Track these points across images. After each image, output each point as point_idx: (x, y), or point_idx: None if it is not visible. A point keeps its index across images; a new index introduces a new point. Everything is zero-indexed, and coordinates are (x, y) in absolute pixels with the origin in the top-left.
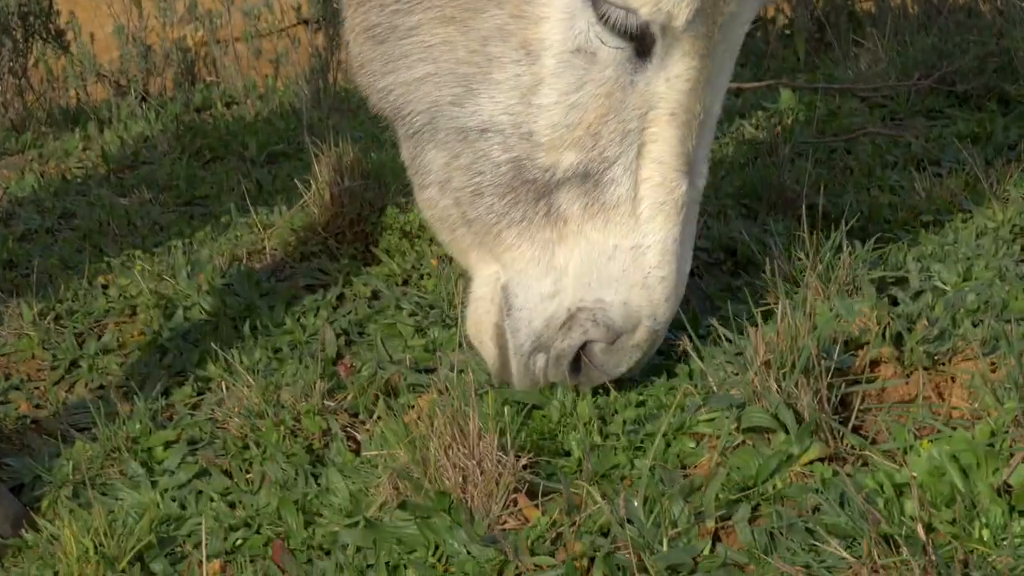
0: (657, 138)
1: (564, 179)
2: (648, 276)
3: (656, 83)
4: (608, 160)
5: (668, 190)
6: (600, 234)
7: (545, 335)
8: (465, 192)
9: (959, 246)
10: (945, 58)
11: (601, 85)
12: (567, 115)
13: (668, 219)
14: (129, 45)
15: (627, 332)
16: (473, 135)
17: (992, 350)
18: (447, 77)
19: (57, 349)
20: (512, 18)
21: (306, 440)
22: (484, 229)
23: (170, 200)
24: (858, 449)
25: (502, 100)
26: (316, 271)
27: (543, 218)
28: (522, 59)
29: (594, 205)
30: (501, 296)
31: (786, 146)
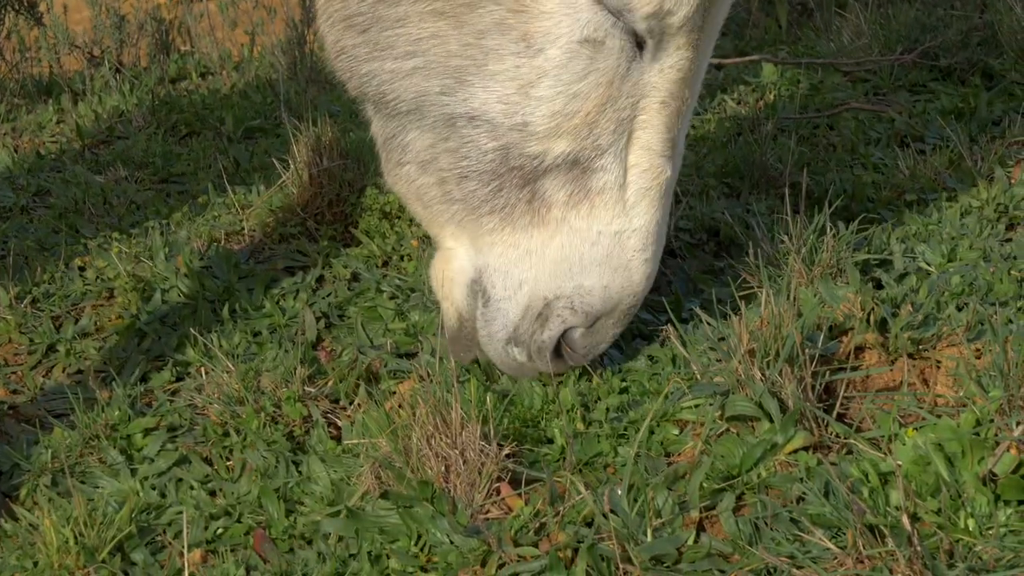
0: (647, 125)
1: (552, 166)
2: (632, 259)
3: (650, 73)
4: (600, 148)
5: (653, 175)
6: (584, 222)
7: (520, 327)
8: (452, 173)
9: (943, 226)
10: (928, 32)
11: (604, 74)
12: (567, 104)
13: (652, 204)
14: (102, 15)
15: (606, 314)
16: (462, 122)
17: (977, 335)
18: (436, 69)
19: (34, 333)
20: (511, 12)
21: (287, 427)
22: (467, 210)
23: (146, 177)
24: (843, 437)
25: (497, 90)
26: (295, 253)
27: (526, 204)
28: (522, 51)
29: (579, 192)
30: (475, 283)
31: (769, 122)
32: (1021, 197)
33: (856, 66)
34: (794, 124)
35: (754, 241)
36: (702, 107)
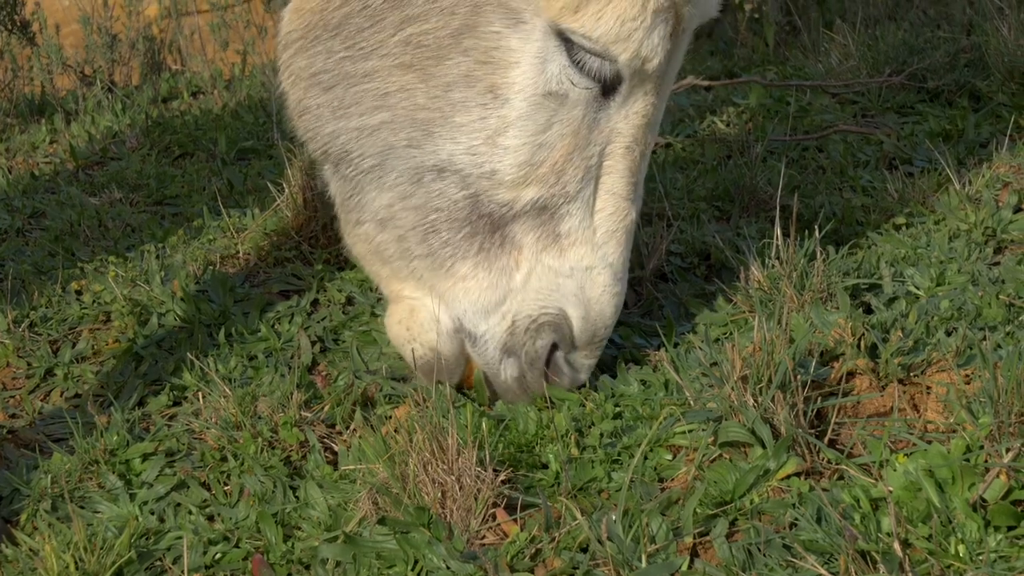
0: (612, 170)
1: (521, 212)
2: (603, 293)
3: (616, 119)
4: (568, 195)
5: (620, 218)
6: (556, 261)
7: (511, 341)
8: (416, 230)
9: (932, 249)
10: (916, 54)
11: (568, 125)
12: (534, 155)
13: (619, 244)
14: (94, 34)
15: (583, 344)
16: (429, 175)
17: (966, 361)
18: (403, 123)
19: (32, 357)
20: (478, 64)
21: (284, 452)
22: (435, 263)
23: (141, 200)
24: (834, 463)
25: (464, 141)
26: (290, 276)
27: (499, 248)
28: (488, 102)
29: (548, 236)
30: (458, 331)
31: (758, 145)
32: (1009, 220)
33: (844, 88)
34: (783, 146)
35: (745, 265)
36: (693, 129)
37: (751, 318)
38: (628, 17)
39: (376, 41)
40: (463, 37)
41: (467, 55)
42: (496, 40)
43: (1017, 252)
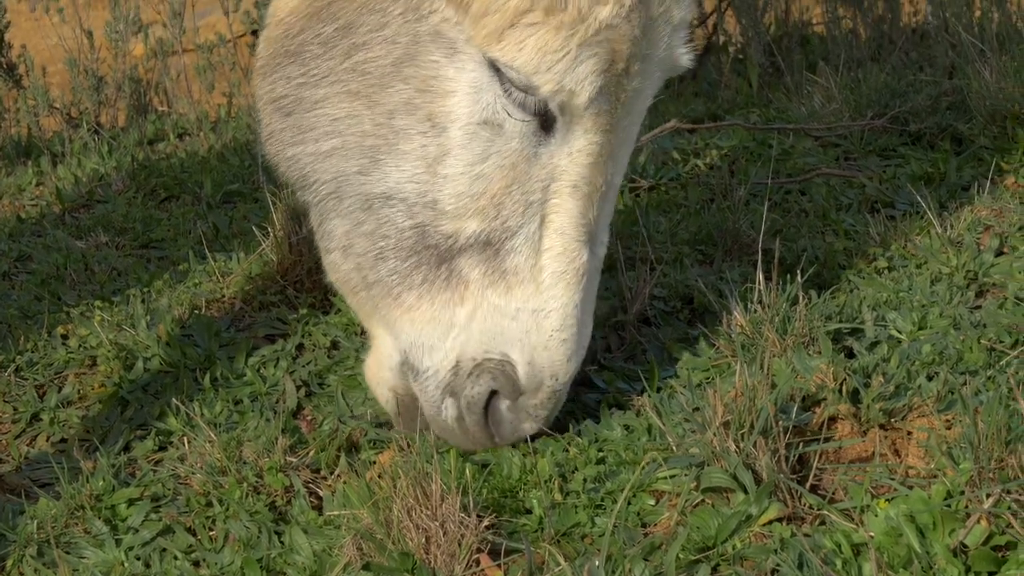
0: (559, 209)
1: (466, 245)
2: (551, 338)
3: (559, 156)
4: (510, 230)
5: (569, 259)
6: (502, 299)
7: (453, 381)
8: (368, 257)
9: (914, 293)
10: (898, 97)
11: (506, 157)
12: (472, 185)
13: (569, 287)
14: (81, 76)
15: (530, 390)
16: (378, 203)
17: (947, 406)
18: (353, 150)
19: (18, 402)
20: (418, 92)
21: (269, 497)
22: (384, 291)
23: (127, 243)
24: (816, 509)
25: (408, 169)
26: (275, 320)
27: (444, 281)
28: (428, 131)
29: (494, 273)
30: (403, 365)
31: (741, 188)
32: (990, 264)
33: (827, 131)
34: (766, 190)
35: (728, 310)
36: (676, 172)
37: (733, 363)
38: (550, 48)
39: (327, 68)
40: (404, 66)
41: (408, 83)
42: (434, 69)
43: (999, 296)
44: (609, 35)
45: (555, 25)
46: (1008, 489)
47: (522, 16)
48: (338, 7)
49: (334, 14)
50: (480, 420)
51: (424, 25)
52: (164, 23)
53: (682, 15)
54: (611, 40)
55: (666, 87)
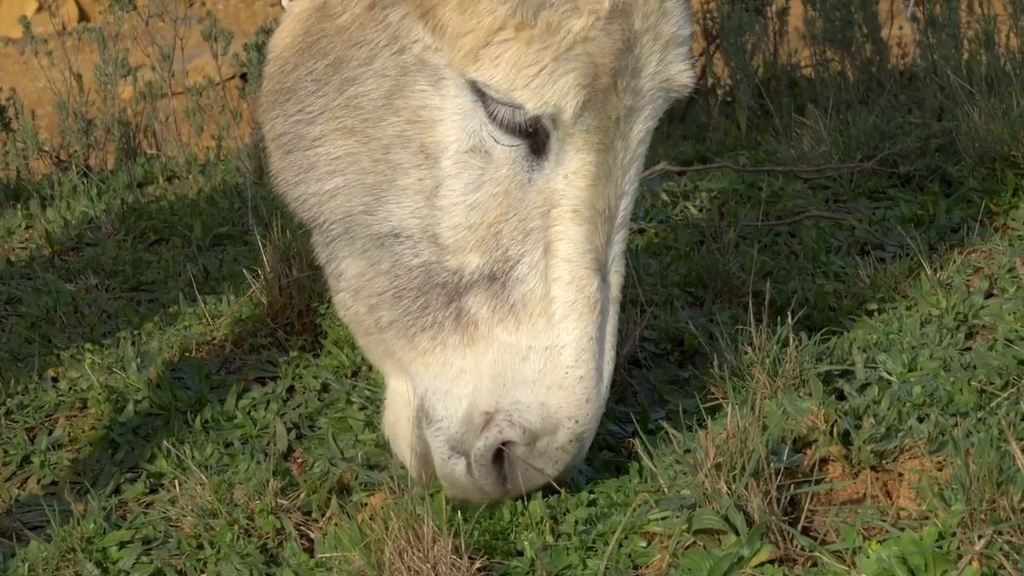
0: (562, 236)
1: (472, 282)
2: (566, 376)
3: (555, 180)
4: (512, 260)
5: (578, 288)
6: (512, 336)
7: (463, 439)
8: (383, 298)
9: (904, 335)
10: (887, 139)
11: (498, 184)
12: (468, 216)
13: (582, 317)
14: (70, 119)
15: (547, 434)
16: (388, 241)
17: (938, 447)
18: (356, 188)
19: (9, 445)
20: (409, 124)
21: (260, 539)
22: (398, 335)
23: (117, 286)
24: (808, 550)
25: (409, 204)
26: (266, 363)
27: (453, 322)
28: (422, 163)
29: (503, 308)
30: (419, 410)
31: (731, 230)
32: (980, 306)
33: (816, 173)
34: (756, 232)
35: (718, 352)
36: (665, 215)
37: (724, 405)
38: (524, 63)
39: (322, 104)
40: (394, 98)
41: (399, 115)
42: (422, 99)
43: (989, 338)
44: (587, 48)
45: (526, 40)
46: (1000, 530)
47: (495, 34)
48: (328, 42)
49: (324, 50)
50: (492, 474)
51: (408, 55)
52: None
53: (673, 30)
54: (590, 53)
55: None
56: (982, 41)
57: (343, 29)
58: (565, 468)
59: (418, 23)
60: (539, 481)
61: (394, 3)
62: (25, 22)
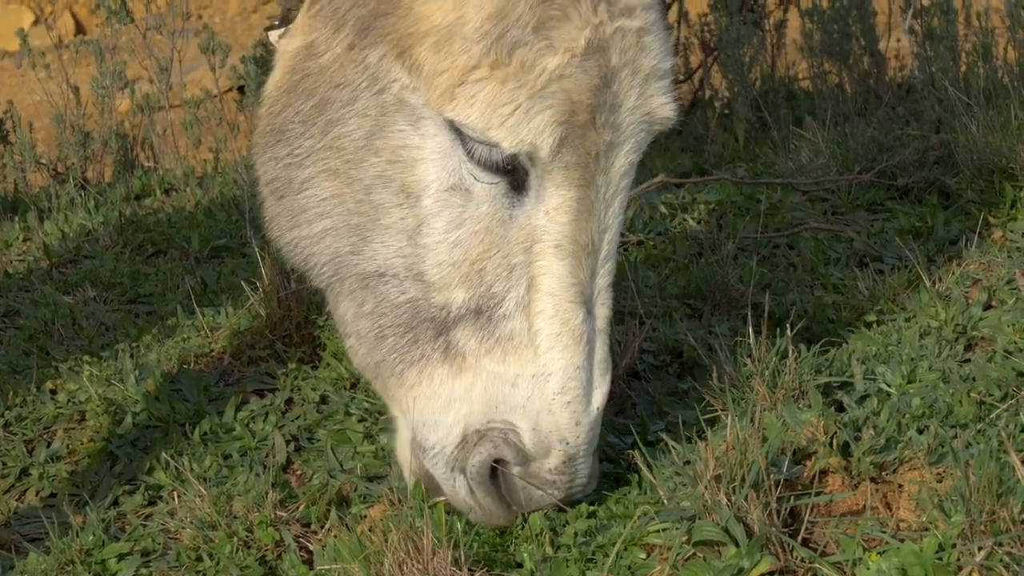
0: (545, 271)
1: (459, 316)
2: (553, 401)
3: (536, 216)
4: (497, 296)
5: (563, 321)
6: (500, 366)
7: (460, 457)
8: (370, 337)
9: (903, 347)
10: (885, 151)
11: (479, 221)
12: (451, 253)
13: (567, 349)
14: (67, 132)
15: (540, 457)
16: (373, 280)
17: (938, 459)
18: (342, 229)
19: (7, 457)
20: (390, 164)
21: (259, 551)
22: (388, 370)
23: (115, 298)
24: (808, 562)
25: (392, 244)
26: (264, 375)
27: (442, 355)
28: (404, 202)
29: (489, 340)
30: (413, 443)
31: (729, 242)
32: (979, 318)
33: (815, 186)
34: (754, 244)
35: (717, 364)
36: (664, 227)
37: (724, 416)
38: (499, 102)
39: (308, 147)
40: (375, 138)
41: (380, 155)
42: (402, 138)
43: (988, 349)
44: (563, 85)
45: (501, 79)
46: (1000, 542)
47: (470, 72)
48: (312, 82)
49: (309, 89)
50: (490, 491)
51: (388, 95)
52: (150, 79)
53: (652, 64)
54: (566, 90)
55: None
56: (980, 54)
57: (325, 69)
58: (568, 490)
59: (396, 63)
60: (544, 502)
61: (372, 43)
62: (22, 35)
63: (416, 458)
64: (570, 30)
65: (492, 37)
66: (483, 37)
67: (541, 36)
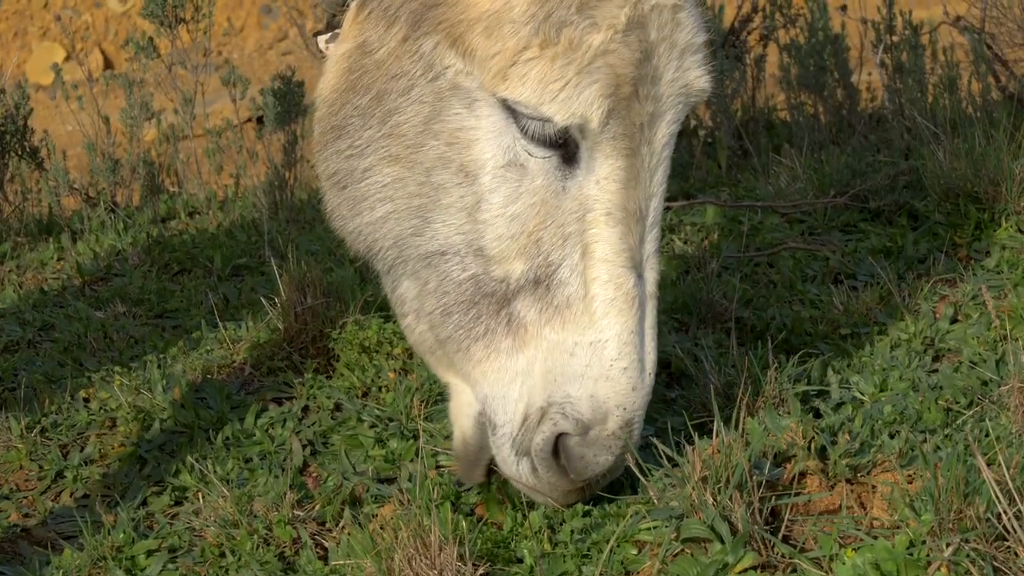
0: (598, 238)
1: (518, 288)
2: (611, 368)
3: (587, 186)
4: (554, 264)
5: (616, 286)
6: (558, 334)
7: (524, 438)
8: (436, 314)
9: (875, 358)
10: (859, 176)
11: (535, 194)
12: (509, 226)
13: (621, 313)
14: (99, 159)
15: (598, 423)
16: (436, 259)
17: (909, 461)
18: (404, 212)
19: (43, 460)
20: (448, 145)
21: (278, 548)
22: (455, 347)
23: (143, 313)
24: (788, 557)
25: (453, 222)
26: (282, 384)
27: (505, 327)
28: (463, 181)
29: (548, 309)
30: (481, 415)
31: (714, 261)
32: (946, 331)
33: (793, 208)
34: (737, 263)
35: (703, 373)
36: None
37: (710, 422)
38: (550, 79)
39: (368, 137)
40: (432, 123)
41: (438, 139)
42: (458, 121)
43: (954, 360)
44: (608, 60)
45: (551, 57)
46: (967, 538)
47: (521, 53)
48: (369, 78)
49: (367, 85)
50: (553, 467)
51: (443, 81)
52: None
53: (687, 39)
54: (611, 65)
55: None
56: (946, 86)
57: (381, 63)
58: (622, 451)
59: (449, 50)
60: (600, 468)
61: (426, 33)
62: (56, 68)
63: (477, 430)
64: (611, 8)
65: (539, 19)
66: (530, 19)
67: (585, 15)
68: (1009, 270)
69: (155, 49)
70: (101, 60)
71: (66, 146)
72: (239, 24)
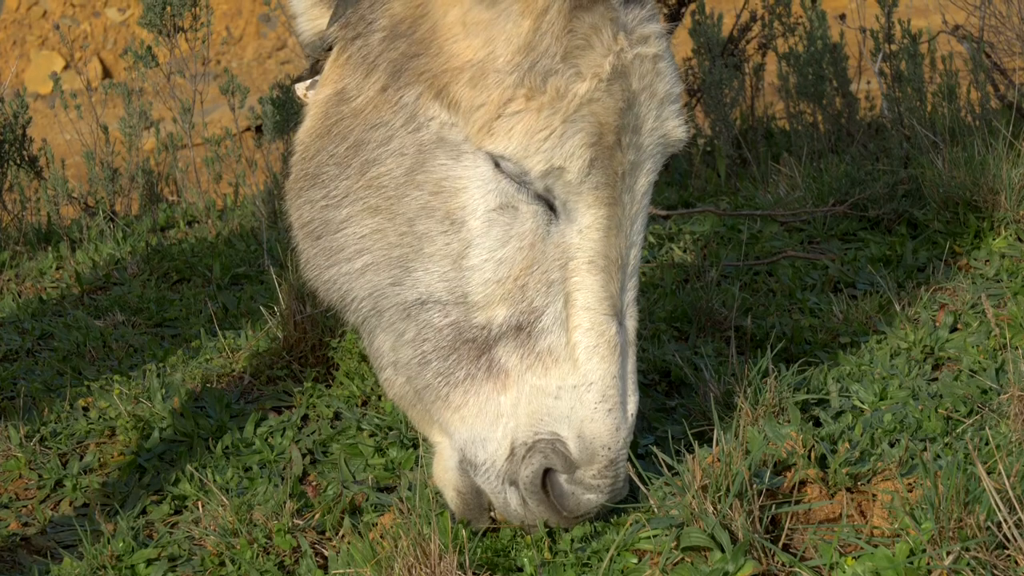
0: (580, 286)
1: (500, 334)
2: (595, 410)
3: (569, 235)
4: (537, 311)
5: (599, 333)
6: (541, 379)
7: (511, 470)
8: (413, 364)
9: (875, 367)
10: (858, 185)
11: (524, 238)
12: (496, 270)
13: (604, 360)
14: (97, 168)
15: (585, 464)
16: (415, 309)
17: (909, 470)
18: (383, 263)
19: (43, 469)
20: (432, 195)
21: (278, 557)
22: (433, 396)
23: (142, 322)
24: (788, 566)
25: (436, 270)
26: (282, 393)
27: (485, 373)
28: (448, 229)
29: (530, 355)
30: (462, 462)
31: (713, 270)
32: (946, 339)
33: (792, 217)
34: (736, 271)
35: (703, 382)
36: (652, 255)
37: (710, 431)
38: (536, 129)
39: (345, 188)
40: (415, 174)
41: (422, 189)
42: (444, 171)
43: (954, 369)
44: (592, 109)
45: (536, 108)
46: (967, 547)
47: (506, 106)
48: (346, 125)
49: (343, 133)
50: (543, 499)
51: (426, 133)
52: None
53: (667, 88)
54: (595, 113)
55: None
56: (945, 94)
57: (359, 112)
58: (610, 492)
59: (433, 101)
60: (592, 505)
61: (408, 84)
62: (55, 77)
63: (464, 477)
64: (595, 57)
65: (524, 68)
66: (515, 69)
67: (570, 64)
68: (1009, 279)
69: (154, 58)
70: (100, 69)
71: (65, 155)
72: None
